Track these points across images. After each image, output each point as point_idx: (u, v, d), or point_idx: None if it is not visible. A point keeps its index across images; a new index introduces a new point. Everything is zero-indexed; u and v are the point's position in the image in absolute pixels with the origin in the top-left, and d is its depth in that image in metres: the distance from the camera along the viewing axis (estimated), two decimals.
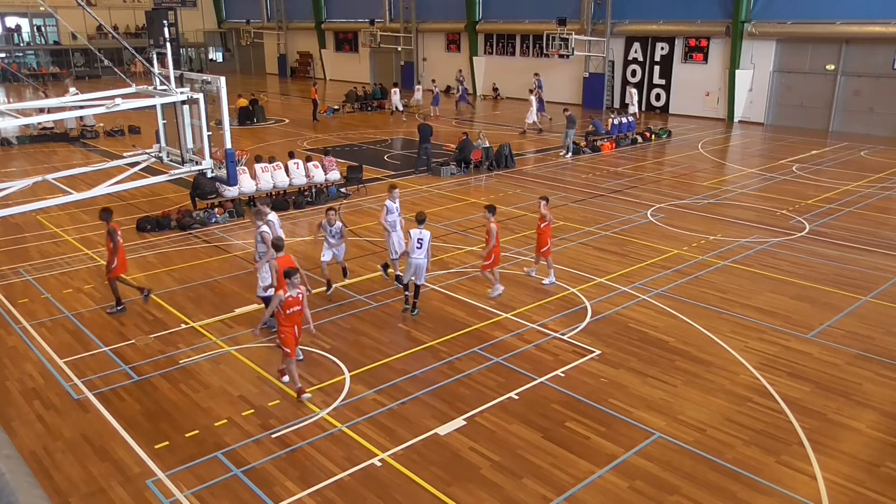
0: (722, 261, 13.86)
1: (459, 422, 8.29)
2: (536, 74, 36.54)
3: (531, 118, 29.79)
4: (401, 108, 34.45)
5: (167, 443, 7.89)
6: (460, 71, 41.58)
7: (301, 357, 9.61)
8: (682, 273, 13.19)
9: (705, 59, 33.56)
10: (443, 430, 8.12)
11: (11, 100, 38.99)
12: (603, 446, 7.83)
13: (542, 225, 12.46)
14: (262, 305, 10.54)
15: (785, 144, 27.67)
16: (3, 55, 51.66)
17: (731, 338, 10.52)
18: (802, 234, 15.71)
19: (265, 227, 10.66)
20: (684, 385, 9.17)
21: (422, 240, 10.96)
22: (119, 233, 11.52)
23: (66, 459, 7.61)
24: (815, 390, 9.04)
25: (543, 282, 12.65)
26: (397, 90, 35.79)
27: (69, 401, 8.82)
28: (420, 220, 11.15)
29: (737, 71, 32.09)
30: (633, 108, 31.58)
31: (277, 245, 10.02)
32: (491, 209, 11.76)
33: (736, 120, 33.05)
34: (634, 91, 33.18)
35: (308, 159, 18.62)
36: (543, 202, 12.61)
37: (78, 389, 9.06)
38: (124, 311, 11.52)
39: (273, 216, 11.16)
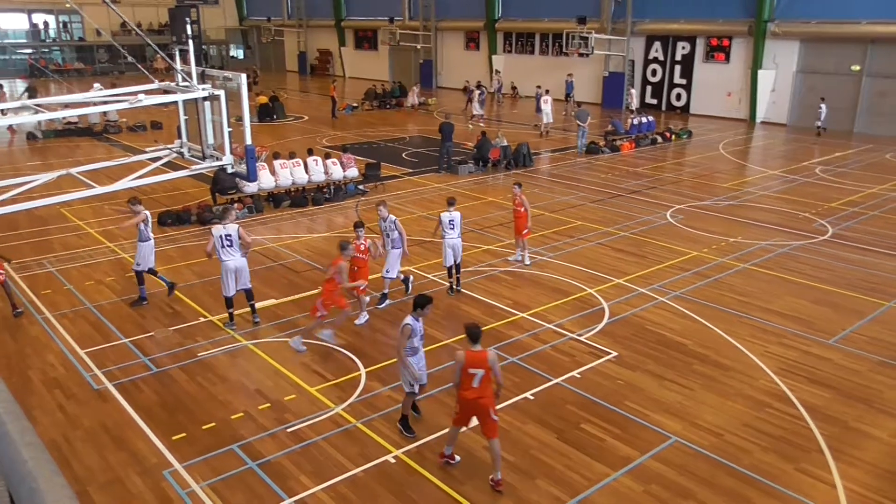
0: (742, 263, 13.72)
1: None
2: (570, 75, 36.39)
3: (549, 118, 29.19)
4: (478, 113, 32.00)
5: (184, 434, 7.96)
6: (498, 72, 41.24)
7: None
8: (701, 275, 13.08)
9: (727, 58, 33.24)
10: None
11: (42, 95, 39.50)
12: (618, 449, 7.79)
13: (520, 209, 13.16)
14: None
15: (808, 146, 27.34)
16: (30, 51, 52.40)
17: (751, 342, 10.41)
18: (825, 237, 15.51)
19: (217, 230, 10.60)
20: (702, 389, 9.09)
21: (453, 221, 11.79)
22: None
23: (84, 448, 7.71)
24: (835, 397, 8.92)
25: (509, 258, 13.69)
26: (477, 93, 32.97)
27: (89, 391, 8.92)
28: (450, 202, 12.07)
29: (759, 71, 31.76)
30: (635, 105, 31.67)
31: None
32: (359, 225, 10.98)
33: (758, 121, 32.71)
34: (634, 91, 33.59)
35: (327, 156, 18.69)
36: (517, 188, 13.24)
37: (98, 380, 9.17)
38: (22, 314, 11.14)
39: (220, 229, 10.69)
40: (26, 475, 1.15)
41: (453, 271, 12.09)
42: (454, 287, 12.15)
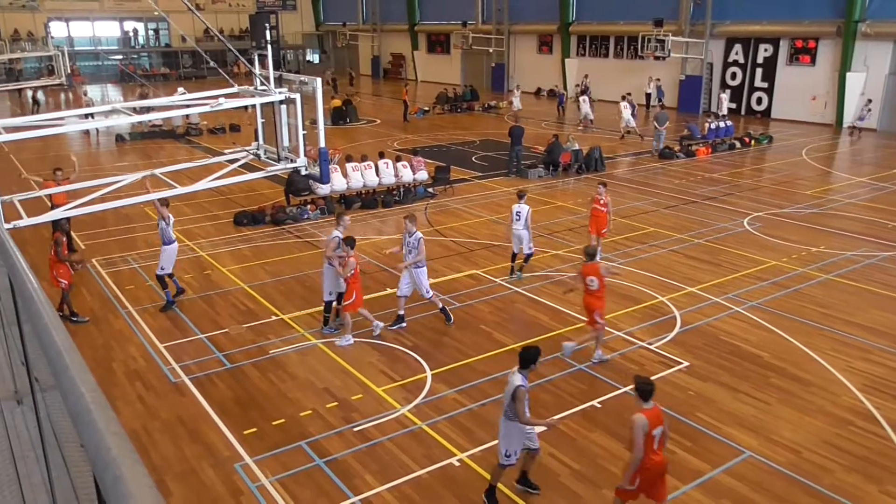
0: (824, 274, 13.12)
1: (539, 427, 8.19)
2: (657, 80, 35.59)
3: (629, 123, 28.55)
4: (592, 118, 31.23)
5: (255, 429, 8.19)
6: (586, 76, 40.09)
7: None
8: (779, 285, 12.57)
9: (813, 61, 31.85)
10: None
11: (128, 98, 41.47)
12: (688, 462, 7.57)
13: (602, 208, 13.34)
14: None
15: None
16: (120, 57, 55.12)
17: (833, 356, 9.93)
18: None
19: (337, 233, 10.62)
20: (779, 403, 8.73)
21: (520, 213, 12.38)
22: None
23: (162, 439, 8.03)
24: None
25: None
26: (582, 97, 31.86)
27: (167, 384, 9.30)
28: (520, 195, 12.66)
29: (847, 74, 30.28)
30: (724, 111, 30.14)
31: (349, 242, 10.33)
32: (350, 242, 10.38)
33: (845, 126, 31.17)
34: (725, 96, 31.60)
35: (398, 159, 18.91)
36: (601, 187, 13.53)
37: (175, 373, 9.54)
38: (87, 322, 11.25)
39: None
40: (110, 462, 1.21)
41: (516, 259, 12.90)
42: (514, 271, 12.91)
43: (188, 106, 12.78)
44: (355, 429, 8.20)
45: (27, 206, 9.56)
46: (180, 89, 29.02)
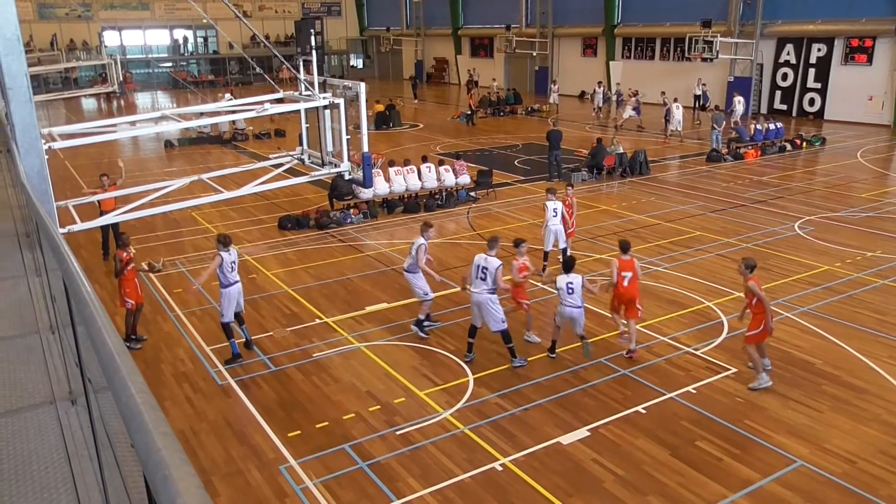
0: (881, 279, 12.67)
1: (583, 432, 8.11)
2: (703, 84, 34.94)
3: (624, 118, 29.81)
4: (635, 116, 30.67)
5: (299, 432, 8.29)
6: (618, 84, 39.50)
7: None
8: (832, 291, 12.19)
9: (869, 60, 30.82)
10: (565, 439, 7.99)
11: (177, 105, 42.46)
12: (737, 469, 7.39)
13: (570, 210, 13.51)
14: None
15: None
16: (170, 65, 56.55)
17: (890, 364, 9.58)
18: None
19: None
20: (832, 411, 8.46)
21: (556, 209, 12.72)
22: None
23: (209, 440, 8.18)
24: None
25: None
26: (633, 100, 30.92)
27: (214, 386, 9.47)
28: (552, 192, 12.99)
29: None
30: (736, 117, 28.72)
31: None
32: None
33: None
34: (740, 99, 29.80)
35: (440, 163, 18.94)
36: (570, 188, 13.97)
37: (222, 375, 9.72)
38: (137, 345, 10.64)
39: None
40: (160, 462, 1.23)
41: (549, 256, 13.03)
42: (545, 269, 12.83)
43: (235, 112, 13.05)
44: (398, 432, 8.23)
45: (81, 211, 9.89)
46: (227, 96, 29.62)
